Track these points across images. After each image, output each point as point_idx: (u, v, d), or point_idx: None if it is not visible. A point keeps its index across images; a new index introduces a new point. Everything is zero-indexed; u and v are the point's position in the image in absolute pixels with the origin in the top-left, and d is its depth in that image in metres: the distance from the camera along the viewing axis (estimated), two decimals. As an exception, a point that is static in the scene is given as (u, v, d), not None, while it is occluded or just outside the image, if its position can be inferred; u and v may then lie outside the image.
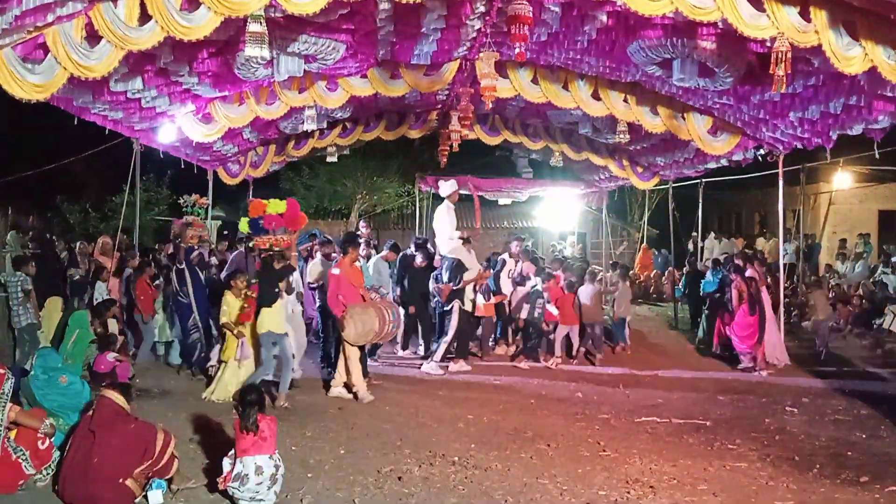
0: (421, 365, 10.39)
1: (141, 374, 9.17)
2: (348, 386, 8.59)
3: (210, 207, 15.51)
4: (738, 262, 11.41)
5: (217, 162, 14.15)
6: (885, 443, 7.22)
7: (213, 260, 11.51)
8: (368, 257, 11.69)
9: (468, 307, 10.75)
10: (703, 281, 13.34)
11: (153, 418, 6.42)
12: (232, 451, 5.32)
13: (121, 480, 5.15)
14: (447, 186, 11.18)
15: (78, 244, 12.02)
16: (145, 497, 5.30)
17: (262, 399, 5.56)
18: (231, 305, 8.29)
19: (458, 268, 10.31)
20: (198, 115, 10.44)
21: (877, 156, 9.94)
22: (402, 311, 9.79)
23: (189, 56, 8.21)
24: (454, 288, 10.30)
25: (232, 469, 5.24)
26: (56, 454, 5.67)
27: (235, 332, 8.20)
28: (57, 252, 12.51)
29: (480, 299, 11.09)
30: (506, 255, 12.01)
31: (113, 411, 5.41)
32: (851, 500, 5.70)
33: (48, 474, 5.60)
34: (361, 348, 8.72)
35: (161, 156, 11.90)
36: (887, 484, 6.01)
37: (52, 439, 5.75)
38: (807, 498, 5.72)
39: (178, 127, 10.58)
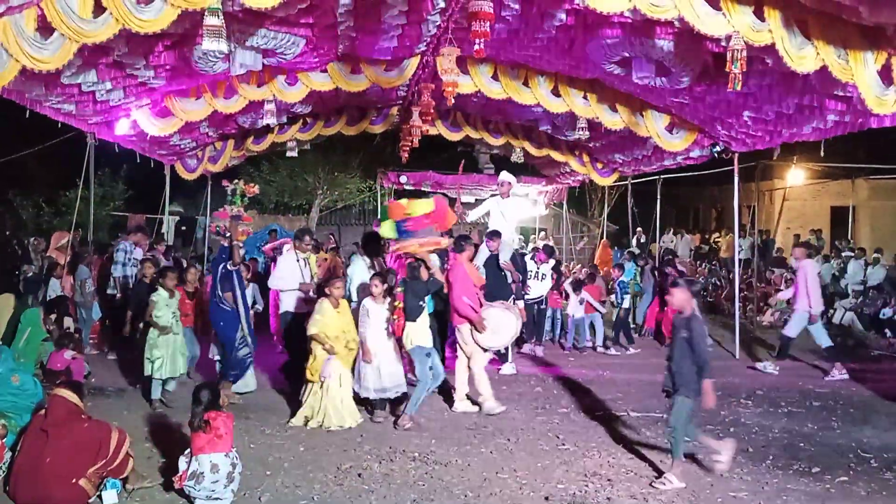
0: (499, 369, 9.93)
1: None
2: (471, 397, 8.04)
3: (167, 203, 15.34)
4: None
5: (174, 156, 13.93)
6: (836, 434, 7.40)
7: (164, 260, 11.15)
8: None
9: None
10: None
11: (109, 417, 6.33)
12: (188, 450, 5.26)
13: (74, 480, 5.06)
14: (504, 178, 10.94)
15: (31, 240, 11.77)
16: (99, 497, 5.22)
17: (215, 397, 5.46)
18: (327, 315, 7.34)
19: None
20: (154, 108, 10.27)
21: (822, 154, 10.19)
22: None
23: (145, 49, 8.06)
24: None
25: (188, 468, 5.18)
26: (8, 455, 5.56)
27: (328, 346, 7.27)
28: (11, 248, 12.24)
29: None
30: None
31: (66, 410, 5.32)
32: (803, 490, 5.84)
33: (0, 475, 5.49)
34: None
35: (116, 150, 11.68)
36: (838, 474, 6.17)
37: (3, 440, 5.63)
38: (760, 489, 5.85)
39: (133, 121, 10.39)
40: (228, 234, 8.07)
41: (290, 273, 8.87)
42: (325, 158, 23.34)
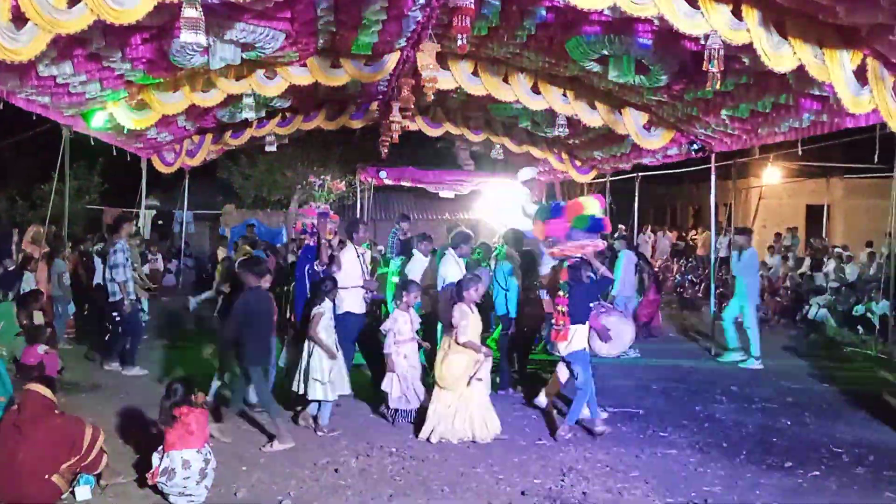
0: None
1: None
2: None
3: (143, 197, 15.20)
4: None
5: (151, 150, 13.82)
6: (809, 429, 7.50)
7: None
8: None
9: None
10: None
11: (83, 413, 6.29)
12: (162, 446, 5.23)
13: (47, 476, 5.02)
14: (528, 172, 10.76)
15: (15, 232, 11.61)
16: (72, 493, 5.18)
17: (187, 391, 5.44)
18: (472, 319, 6.91)
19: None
20: (131, 101, 10.16)
21: (799, 153, 10.30)
22: None
23: (121, 41, 7.96)
24: None
25: (160, 464, 5.15)
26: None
27: (483, 352, 6.88)
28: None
29: None
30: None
31: (40, 405, 5.27)
32: (776, 484, 5.91)
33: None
34: None
35: (92, 142, 11.54)
36: (811, 469, 6.26)
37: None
38: (734, 483, 5.92)
39: (109, 113, 10.27)
40: (316, 232, 7.69)
41: (353, 269, 7.87)
42: (304, 153, 23.23)
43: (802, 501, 5.58)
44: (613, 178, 16.27)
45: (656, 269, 16.57)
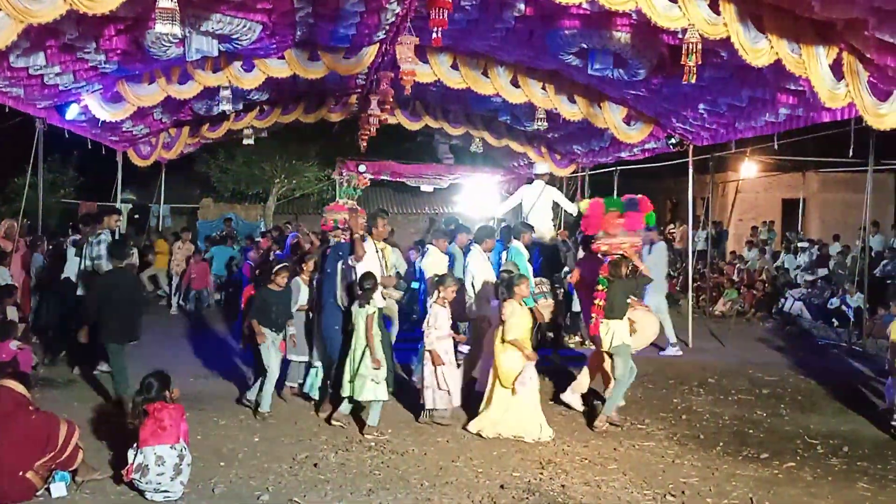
0: None
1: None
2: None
3: (119, 190, 15.03)
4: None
5: (127, 143, 13.65)
6: (784, 421, 7.58)
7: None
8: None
9: None
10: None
11: (58, 409, 6.20)
12: (136, 442, 5.18)
13: (21, 473, 4.97)
14: (542, 166, 10.64)
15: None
16: (48, 490, 5.11)
17: (161, 387, 5.39)
18: (521, 316, 6.91)
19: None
20: (105, 93, 10.03)
21: (775, 147, 10.39)
22: None
23: (96, 32, 7.85)
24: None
25: (134, 460, 5.11)
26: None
27: (528, 352, 6.82)
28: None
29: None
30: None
31: (14, 401, 5.21)
32: (752, 475, 5.97)
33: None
34: None
35: (66, 135, 11.38)
36: (786, 460, 6.33)
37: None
38: (710, 474, 5.97)
39: (84, 106, 10.13)
40: (348, 227, 7.55)
41: (372, 265, 7.62)
42: (282, 146, 23.08)
43: (777, 492, 5.63)
44: (592, 172, 16.32)
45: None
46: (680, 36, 7.00)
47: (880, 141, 10.00)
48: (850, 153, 9.91)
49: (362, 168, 18.20)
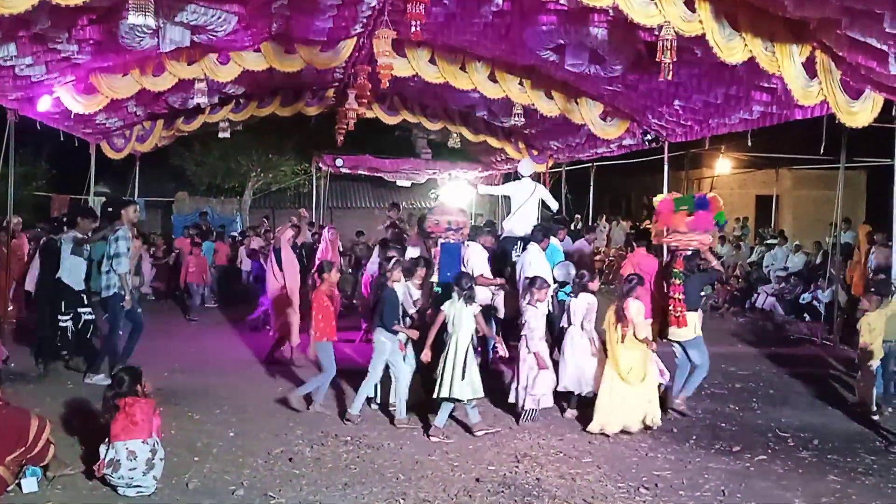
0: None
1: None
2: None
3: (92, 183, 14.83)
4: None
5: (100, 135, 13.47)
6: (756, 414, 7.68)
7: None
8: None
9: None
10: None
11: (30, 404, 6.13)
12: (108, 437, 5.13)
13: (-9, 468, 4.89)
14: (528, 165, 10.65)
15: None
16: (19, 485, 5.05)
17: (133, 382, 5.33)
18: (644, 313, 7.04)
19: None
20: (78, 85, 9.88)
21: (749, 144, 10.51)
22: None
23: (68, 22, 7.72)
24: None
25: (106, 455, 5.06)
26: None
27: (654, 347, 7.05)
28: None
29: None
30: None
31: (-17, 397, 5.12)
32: (724, 468, 6.05)
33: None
34: None
35: (38, 127, 11.21)
36: (757, 453, 6.42)
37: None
38: (683, 467, 6.04)
39: (56, 97, 9.98)
40: (460, 228, 7.77)
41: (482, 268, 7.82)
42: (258, 140, 22.86)
43: (749, 484, 5.70)
44: (569, 168, 16.39)
45: (611, 259, 16.79)
46: (656, 33, 7.04)
47: (852, 139, 10.15)
48: (822, 150, 10.05)
49: (339, 162, 18.15)
